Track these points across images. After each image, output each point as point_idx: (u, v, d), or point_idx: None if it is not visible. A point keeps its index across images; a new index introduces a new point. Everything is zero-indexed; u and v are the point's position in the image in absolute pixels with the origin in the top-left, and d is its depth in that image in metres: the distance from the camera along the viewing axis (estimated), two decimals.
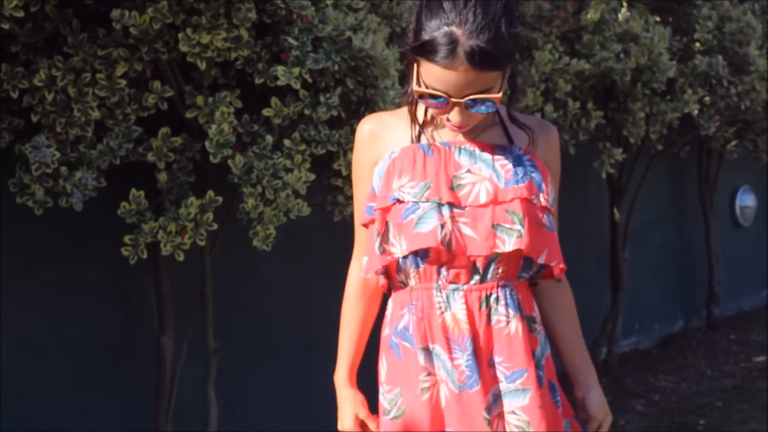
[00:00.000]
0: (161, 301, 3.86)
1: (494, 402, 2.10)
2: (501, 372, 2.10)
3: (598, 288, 6.59)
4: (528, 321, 2.15)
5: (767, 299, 8.67)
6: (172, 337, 3.88)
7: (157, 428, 3.91)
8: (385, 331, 2.20)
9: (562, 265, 2.13)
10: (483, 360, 2.10)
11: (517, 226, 2.06)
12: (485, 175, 2.10)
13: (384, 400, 2.17)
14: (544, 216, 2.11)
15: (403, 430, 2.12)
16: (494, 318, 2.10)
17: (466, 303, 2.09)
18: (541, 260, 2.10)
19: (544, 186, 2.12)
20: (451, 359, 2.08)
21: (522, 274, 2.15)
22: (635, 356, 6.92)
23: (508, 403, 2.10)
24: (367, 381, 2.45)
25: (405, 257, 2.10)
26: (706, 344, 7.28)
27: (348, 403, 2.31)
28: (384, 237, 2.11)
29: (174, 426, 3.93)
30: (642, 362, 6.78)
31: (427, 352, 2.11)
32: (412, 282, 2.13)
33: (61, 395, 3.91)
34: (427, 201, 2.07)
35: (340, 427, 2.31)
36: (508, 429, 2.10)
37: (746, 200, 8.32)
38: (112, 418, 4.09)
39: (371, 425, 2.28)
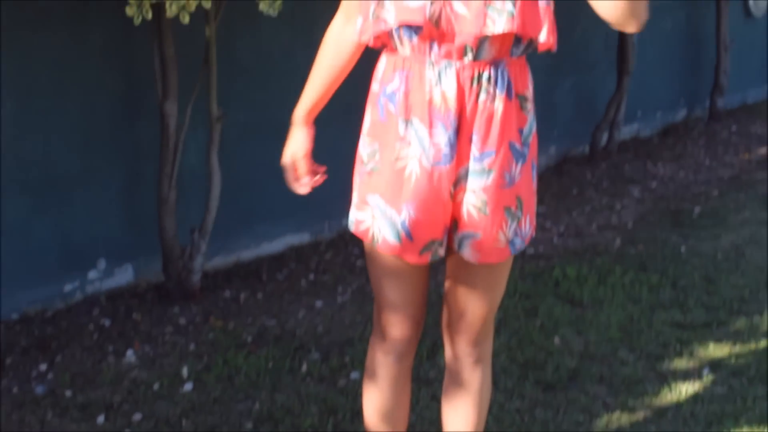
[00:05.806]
0: (165, 65, 3.80)
1: (464, 177, 2.15)
2: (473, 153, 2.13)
3: (603, 72, 6.54)
4: (519, 99, 2.15)
5: None
6: (175, 102, 3.85)
7: (160, 194, 3.94)
8: (375, 87, 2.22)
9: (553, 38, 2.09)
10: (464, 136, 2.12)
11: (509, 7, 2.02)
12: None
13: (363, 150, 2.23)
14: None
15: (373, 188, 2.18)
16: (482, 96, 2.10)
17: (458, 80, 2.09)
18: (541, 38, 2.08)
19: None
20: (430, 135, 2.10)
21: (514, 50, 2.12)
22: (635, 144, 6.94)
23: (471, 182, 2.14)
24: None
25: (398, 28, 2.08)
26: (707, 135, 7.29)
27: (294, 139, 2.41)
28: (380, 2, 2.08)
29: (177, 192, 3.96)
30: (642, 149, 6.80)
31: (408, 124, 2.13)
32: (407, 51, 2.12)
33: (64, 160, 3.92)
34: None
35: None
36: (465, 208, 2.16)
37: None
38: (116, 183, 4.11)
39: (301, 167, 2.36)
